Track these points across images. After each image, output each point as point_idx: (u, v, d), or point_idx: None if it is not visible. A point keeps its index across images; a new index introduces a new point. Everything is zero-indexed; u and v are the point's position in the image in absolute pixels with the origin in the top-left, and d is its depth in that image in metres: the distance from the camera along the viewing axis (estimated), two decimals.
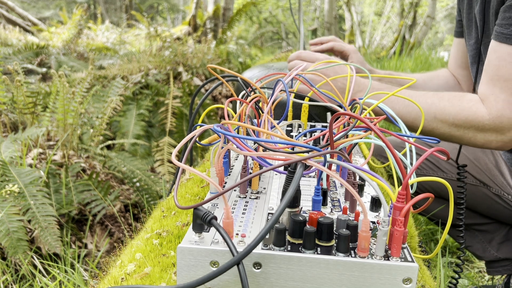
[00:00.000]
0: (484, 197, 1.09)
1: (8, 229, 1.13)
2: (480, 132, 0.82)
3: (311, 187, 0.53)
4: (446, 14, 13.02)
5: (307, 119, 0.78)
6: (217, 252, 0.37)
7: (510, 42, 0.79)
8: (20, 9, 5.14)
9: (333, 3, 6.91)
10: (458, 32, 1.15)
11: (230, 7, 5.24)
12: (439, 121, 0.84)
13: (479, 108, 0.81)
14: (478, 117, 0.81)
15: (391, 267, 0.36)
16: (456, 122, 0.82)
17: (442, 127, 0.85)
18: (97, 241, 1.46)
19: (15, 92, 1.69)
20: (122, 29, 5.06)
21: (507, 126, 0.80)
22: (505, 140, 0.81)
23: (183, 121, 2.43)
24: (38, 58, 2.95)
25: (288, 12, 10.21)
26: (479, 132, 0.82)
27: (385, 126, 2.32)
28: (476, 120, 0.81)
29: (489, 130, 0.81)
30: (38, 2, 10.55)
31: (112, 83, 2.13)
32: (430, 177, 0.42)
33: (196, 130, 0.48)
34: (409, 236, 0.74)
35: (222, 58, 3.24)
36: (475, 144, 0.85)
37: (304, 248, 0.37)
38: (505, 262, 1.15)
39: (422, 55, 5.28)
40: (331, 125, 0.44)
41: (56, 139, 1.71)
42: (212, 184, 0.45)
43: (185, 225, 0.55)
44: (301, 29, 1.54)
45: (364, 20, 13.54)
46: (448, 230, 0.90)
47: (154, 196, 1.65)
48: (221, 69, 0.62)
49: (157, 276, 0.45)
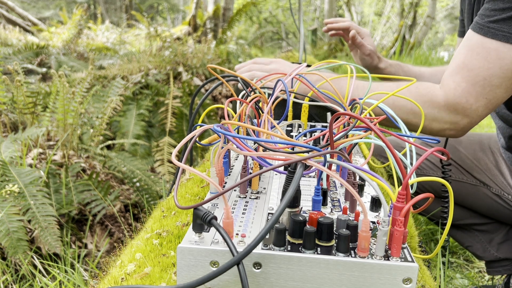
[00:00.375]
0: (484, 197, 1.09)
1: (8, 229, 1.13)
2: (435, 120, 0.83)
3: (311, 187, 0.53)
4: (446, 14, 13.02)
5: (307, 119, 0.78)
6: (217, 252, 0.37)
7: (481, 32, 0.79)
8: (20, 9, 5.14)
9: (333, 3, 6.91)
10: (461, 32, 1.15)
11: (230, 7, 5.24)
12: (397, 107, 0.85)
13: (436, 94, 0.82)
14: (434, 103, 0.82)
15: (391, 267, 0.36)
16: (414, 108, 0.84)
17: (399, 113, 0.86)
18: (97, 241, 1.46)
19: (15, 92, 1.69)
20: (122, 29, 5.06)
21: (460, 114, 0.81)
22: (457, 128, 0.83)
23: (183, 121, 2.43)
24: (38, 58, 2.95)
25: (288, 12, 10.20)
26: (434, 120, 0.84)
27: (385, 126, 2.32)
28: (432, 105, 0.82)
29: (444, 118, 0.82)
30: (38, 2, 10.56)
31: (112, 83, 2.13)
32: (430, 177, 0.42)
33: (196, 130, 0.48)
34: (409, 236, 0.74)
35: (222, 58, 3.24)
36: (430, 132, 0.86)
37: (304, 248, 0.37)
38: (505, 262, 1.15)
39: (422, 55, 5.28)
40: (331, 125, 0.44)
41: (56, 139, 1.71)
42: (212, 184, 0.45)
43: (185, 225, 0.55)
44: (301, 29, 1.54)
45: (364, 20, 13.54)
46: (448, 230, 0.90)
47: (154, 196, 1.65)
48: (221, 69, 0.62)
49: (157, 276, 0.45)
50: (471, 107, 0.80)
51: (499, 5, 0.77)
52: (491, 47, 0.77)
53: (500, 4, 0.77)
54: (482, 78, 0.78)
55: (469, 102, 0.80)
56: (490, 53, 0.77)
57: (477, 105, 0.80)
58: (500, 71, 0.77)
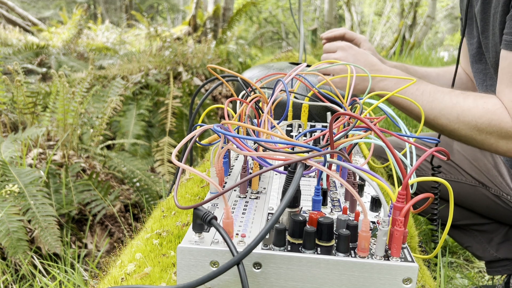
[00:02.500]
0: (483, 198, 1.09)
1: (8, 229, 1.13)
2: (502, 139, 0.78)
3: (311, 187, 0.53)
4: (446, 14, 13.02)
5: (307, 119, 0.78)
6: (217, 252, 0.37)
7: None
8: (20, 9, 5.14)
9: (333, 3, 6.91)
10: (463, 31, 1.15)
11: (230, 7, 5.24)
12: (462, 122, 0.81)
13: (504, 114, 0.77)
14: (502, 123, 0.77)
15: (391, 267, 0.36)
16: (479, 125, 0.79)
17: (464, 129, 0.81)
18: (97, 241, 1.46)
19: (15, 92, 1.69)
20: (122, 29, 5.05)
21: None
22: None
23: (183, 121, 2.43)
24: (38, 58, 2.95)
25: (288, 12, 10.21)
26: (502, 139, 0.78)
27: (385, 126, 2.32)
28: (500, 126, 0.77)
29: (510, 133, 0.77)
30: (38, 2, 10.55)
31: (112, 83, 2.13)
32: (430, 177, 0.42)
33: (196, 130, 0.48)
34: (409, 236, 0.74)
35: (222, 58, 3.24)
36: (496, 151, 0.81)
37: (304, 248, 0.37)
38: (505, 262, 1.15)
39: (422, 55, 5.28)
40: (331, 125, 0.45)
41: (56, 139, 1.71)
42: (212, 184, 0.45)
43: (185, 225, 0.55)
44: (301, 29, 1.54)
45: (364, 20, 13.54)
46: (448, 230, 0.90)
47: (154, 196, 1.65)
48: (221, 69, 0.62)
49: (157, 276, 0.45)
50: None
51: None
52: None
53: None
54: None
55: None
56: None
57: None
58: None
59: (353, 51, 0.96)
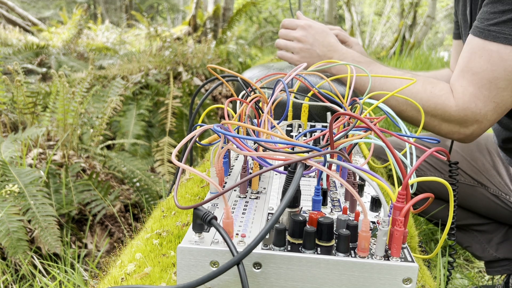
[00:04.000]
0: (482, 198, 1.09)
1: (8, 229, 1.13)
2: (445, 122, 0.83)
3: (311, 187, 0.53)
4: (446, 14, 13.02)
5: (307, 119, 0.78)
6: (217, 252, 0.37)
7: (482, 36, 0.79)
8: (20, 9, 5.13)
9: (333, 3, 6.90)
10: (456, 34, 1.15)
11: (230, 7, 5.24)
12: (409, 104, 0.86)
13: (449, 98, 0.82)
14: (446, 107, 0.82)
15: (391, 267, 0.36)
16: (425, 108, 0.83)
17: (411, 111, 0.86)
18: (97, 241, 1.46)
19: (15, 92, 1.69)
20: (122, 29, 5.05)
21: (470, 120, 0.81)
22: (467, 133, 0.83)
23: (183, 121, 2.43)
24: (38, 58, 2.95)
25: (288, 12, 10.20)
26: (444, 121, 0.83)
27: (385, 126, 2.32)
28: (444, 109, 0.82)
29: (454, 122, 0.82)
30: (38, 2, 10.55)
31: (112, 83, 2.13)
32: (430, 177, 0.42)
33: (196, 130, 0.48)
34: (409, 236, 0.74)
35: (222, 58, 3.24)
36: (438, 133, 0.86)
37: (304, 248, 0.37)
38: (504, 262, 1.15)
39: (422, 55, 5.28)
40: (331, 125, 0.45)
41: (56, 139, 1.71)
42: (212, 184, 0.45)
43: (185, 225, 0.55)
44: None
45: (364, 20, 13.54)
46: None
47: (154, 196, 1.65)
48: (221, 69, 0.62)
49: (157, 276, 0.45)
50: (480, 111, 0.80)
51: (498, 7, 0.77)
52: (493, 49, 0.77)
53: (499, 7, 0.77)
54: (487, 81, 0.78)
55: (478, 107, 0.79)
56: (492, 55, 0.77)
57: (486, 110, 0.79)
58: (504, 73, 0.77)
59: (312, 30, 0.98)
